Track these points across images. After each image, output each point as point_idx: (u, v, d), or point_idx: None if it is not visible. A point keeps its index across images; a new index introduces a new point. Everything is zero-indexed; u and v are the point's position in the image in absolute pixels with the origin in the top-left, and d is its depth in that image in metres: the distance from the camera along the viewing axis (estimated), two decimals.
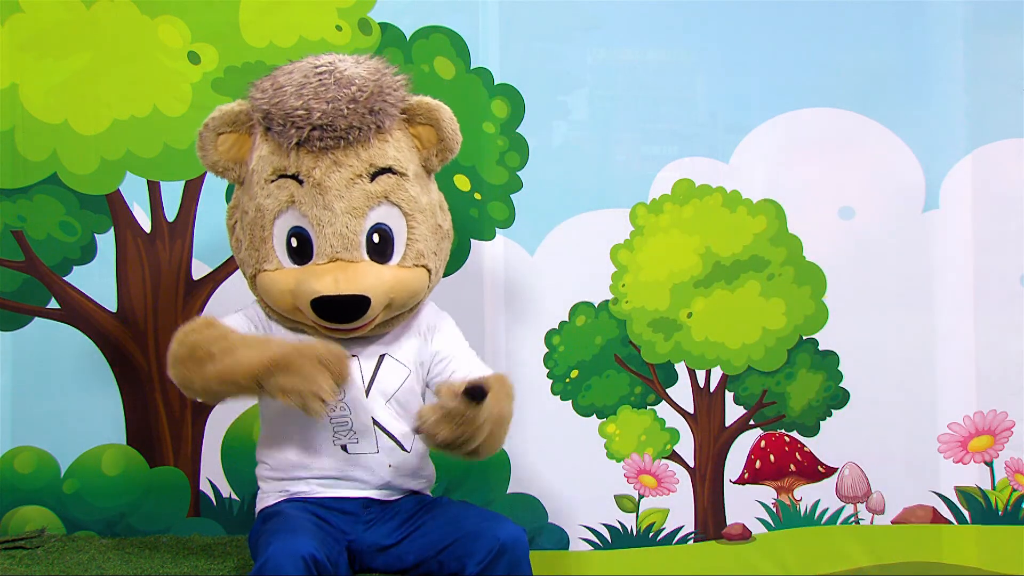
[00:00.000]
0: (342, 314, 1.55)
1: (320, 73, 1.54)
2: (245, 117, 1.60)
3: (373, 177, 1.57)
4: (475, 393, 1.40)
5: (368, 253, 1.57)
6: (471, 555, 1.51)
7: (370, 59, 1.61)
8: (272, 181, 1.57)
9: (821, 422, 2.07)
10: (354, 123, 1.53)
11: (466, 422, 1.42)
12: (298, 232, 1.57)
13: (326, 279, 1.54)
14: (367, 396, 1.62)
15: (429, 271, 1.63)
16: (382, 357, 1.65)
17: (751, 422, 2.07)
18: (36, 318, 1.98)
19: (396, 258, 1.60)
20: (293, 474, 1.63)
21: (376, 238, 1.58)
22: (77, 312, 1.99)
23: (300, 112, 1.52)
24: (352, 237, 1.55)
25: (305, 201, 1.55)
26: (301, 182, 1.55)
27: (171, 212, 1.99)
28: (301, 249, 1.57)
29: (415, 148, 1.62)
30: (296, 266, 1.58)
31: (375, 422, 1.62)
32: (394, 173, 1.58)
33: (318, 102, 1.52)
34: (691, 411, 2.06)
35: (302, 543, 1.44)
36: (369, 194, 1.56)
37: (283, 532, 1.47)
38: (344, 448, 1.62)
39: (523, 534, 1.53)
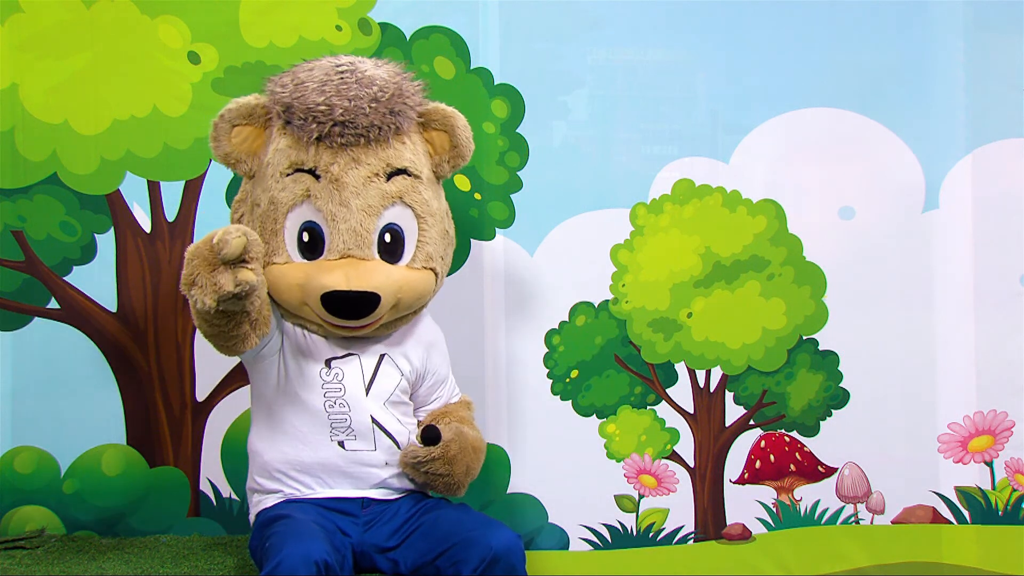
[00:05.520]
0: (351, 310, 1.56)
1: (342, 72, 1.56)
2: (262, 111, 1.61)
3: (389, 177, 1.58)
4: (428, 437, 1.63)
5: (379, 252, 1.58)
6: (465, 562, 1.51)
7: (388, 63, 1.63)
8: (288, 175, 1.58)
9: (821, 422, 2.07)
10: (375, 122, 1.55)
11: (430, 463, 1.62)
12: (310, 227, 1.58)
13: (337, 275, 1.55)
14: (367, 395, 1.63)
15: (436, 274, 1.65)
16: (382, 357, 1.65)
17: (751, 422, 2.07)
18: (36, 318, 1.98)
19: (406, 259, 1.61)
20: (289, 470, 1.63)
21: (388, 238, 1.59)
22: (77, 312, 1.98)
23: (322, 107, 1.53)
24: (365, 235, 1.56)
25: (321, 196, 1.56)
26: (318, 177, 1.56)
27: (171, 212, 1.98)
28: (312, 244, 1.58)
29: (428, 153, 1.64)
30: (305, 261, 1.58)
31: (374, 420, 1.63)
32: (409, 175, 1.60)
33: (340, 99, 1.53)
34: (691, 411, 2.06)
35: (315, 547, 1.44)
36: (385, 194, 1.58)
37: (294, 536, 1.47)
38: (341, 444, 1.62)
39: (518, 541, 1.53)
